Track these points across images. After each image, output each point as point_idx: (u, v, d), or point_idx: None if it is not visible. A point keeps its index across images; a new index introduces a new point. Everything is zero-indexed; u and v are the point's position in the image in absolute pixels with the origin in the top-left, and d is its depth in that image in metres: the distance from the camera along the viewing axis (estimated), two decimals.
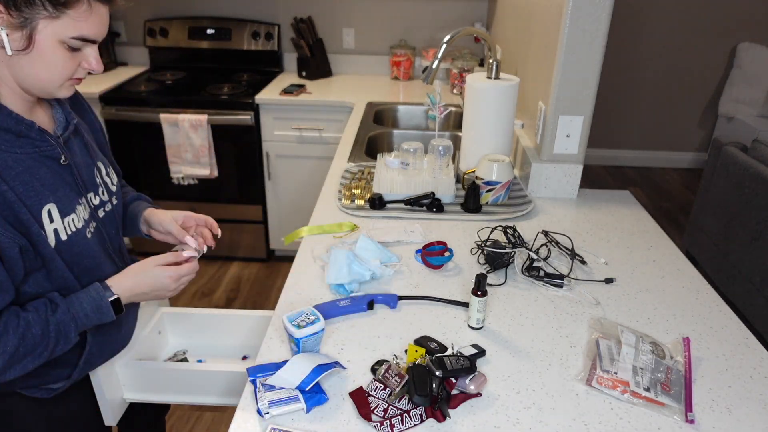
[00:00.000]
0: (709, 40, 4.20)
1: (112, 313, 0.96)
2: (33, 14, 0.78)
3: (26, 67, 0.83)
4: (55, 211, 0.90)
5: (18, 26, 0.78)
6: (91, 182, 1.00)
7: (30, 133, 0.87)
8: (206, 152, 2.69)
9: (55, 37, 0.81)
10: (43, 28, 0.80)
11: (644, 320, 1.12)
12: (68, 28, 0.81)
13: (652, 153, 4.61)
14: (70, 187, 0.94)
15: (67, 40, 0.82)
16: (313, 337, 0.96)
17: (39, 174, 0.88)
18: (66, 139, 0.96)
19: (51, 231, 0.89)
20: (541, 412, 0.89)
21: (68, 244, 0.92)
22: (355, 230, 1.43)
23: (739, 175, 2.67)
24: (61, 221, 0.90)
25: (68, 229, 0.92)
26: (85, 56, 0.87)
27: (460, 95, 2.76)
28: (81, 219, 0.95)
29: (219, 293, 2.84)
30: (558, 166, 1.63)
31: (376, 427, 0.85)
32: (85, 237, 0.96)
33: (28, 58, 0.82)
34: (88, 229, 0.97)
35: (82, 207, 0.96)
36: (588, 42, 1.50)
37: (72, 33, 0.82)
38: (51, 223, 0.89)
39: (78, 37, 0.83)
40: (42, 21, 0.79)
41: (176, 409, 2.14)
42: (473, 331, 1.08)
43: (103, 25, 0.86)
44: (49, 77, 0.85)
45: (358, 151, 1.98)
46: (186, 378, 1.14)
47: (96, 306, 0.94)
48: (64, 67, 0.85)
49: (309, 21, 2.99)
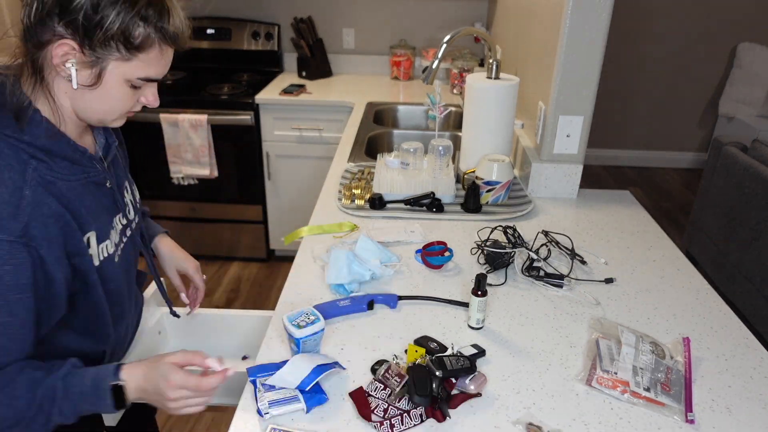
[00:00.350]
0: (709, 40, 4.20)
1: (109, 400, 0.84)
2: (106, 55, 0.79)
3: (89, 101, 0.84)
4: (94, 237, 0.89)
5: (89, 64, 0.79)
6: (121, 204, 1.00)
7: (82, 159, 0.88)
8: (206, 152, 2.69)
9: (123, 77, 0.82)
10: (113, 69, 0.81)
11: (644, 320, 1.12)
12: (137, 70, 0.83)
13: (652, 153, 4.61)
14: (108, 210, 0.95)
15: (134, 81, 0.84)
16: (313, 337, 0.96)
17: (85, 201, 0.88)
18: (109, 162, 0.97)
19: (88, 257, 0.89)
20: (541, 412, 0.89)
21: (99, 269, 0.91)
22: (355, 230, 1.43)
23: (739, 175, 2.67)
24: (96, 247, 0.90)
25: (101, 255, 0.91)
26: (144, 92, 0.88)
27: (460, 95, 2.76)
28: (113, 243, 0.95)
29: (219, 293, 2.84)
30: (558, 166, 1.63)
31: (376, 427, 0.85)
32: (114, 261, 0.95)
33: (93, 93, 0.83)
34: (117, 253, 0.97)
35: (114, 231, 0.96)
36: (588, 42, 1.50)
37: (140, 74, 0.83)
38: (89, 249, 0.88)
39: (144, 77, 0.84)
40: (113, 62, 0.80)
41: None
42: (473, 331, 1.08)
43: (168, 65, 0.87)
44: (109, 111, 0.86)
45: (358, 151, 1.98)
46: None
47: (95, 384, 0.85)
48: (125, 103, 0.87)
49: (309, 21, 2.99)
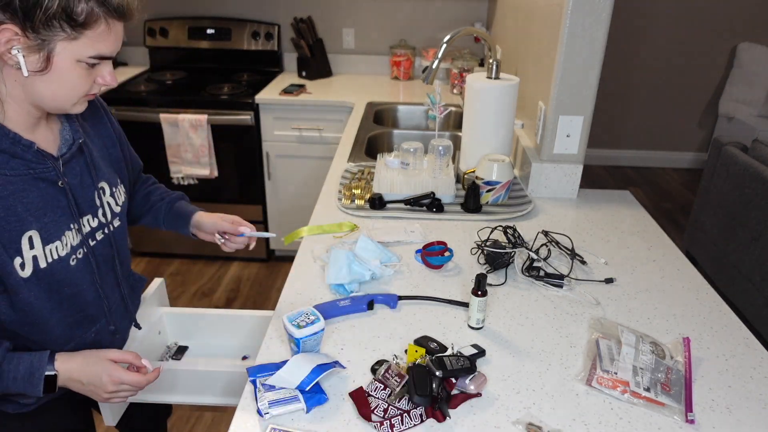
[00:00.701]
0: (709, 40, 4.20)
1: (41, 388, 0.89)
2: (51, 36, 0.77)
3: (42, 86, 0.82)
4: (37, 238, 0.86)
5: (35, 48, 0.77)
6: (89, 204, 0.96)
7: (26, 154, 0.85)
8: (206, 152, 2.69)
9: (73, 57, 0.80)
10: (62, 50, 0.79)
11: (644, 320, 1.12)
12: (86, 48, 0.81)
13: (652, 153, 4.61)
14: (62, 210, 0.91)
15: (85, 59, 0.82)
16: (313, 337, 0.96)
17: (27, 198, 0.85)
18: (67, 160, 0.93)
19: (30, 258, 0.86)
20: (541, 412, 0.89)
21: (48, 271, 0.89)
22: (355, 230, 1.43)
23: (739, 175, 2.67)
24: (42, 249, 0.87)
25: (49, 257, 0.89)
26: (99, 72, 0.86)
27: (460, 95, 2.76)
28: (67, 245, 0.92)
29: (219, 293, 2.84)
30: (558, 166, 1.63)
31: (376, 427, 0.85)
32: (68, 265, 0.92)
33: (45, 78, 0.81)
34: (73, 256, 0.93)
35: (72, 232, 0.93)
36: (588, 42, 1.50)
37: (90, 52, 0.81)
38: (31, 249, 0.86)
39: (96, 56, 0.82)
40: (60, 43, 0.78)
41: (176, 409, 2.14)
42: (473, 331, 1.08)
43: (118, 41, 0.85)
44: (65, 95, 0.84)
45: (358, 151, 1.98)
46: (186, 378, 1.14)
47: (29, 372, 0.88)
48: (81, 85, 0.84)
49: (309, 21, 2.99)
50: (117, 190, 1.04)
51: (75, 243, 0.93)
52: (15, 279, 0.85)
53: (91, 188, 0.97)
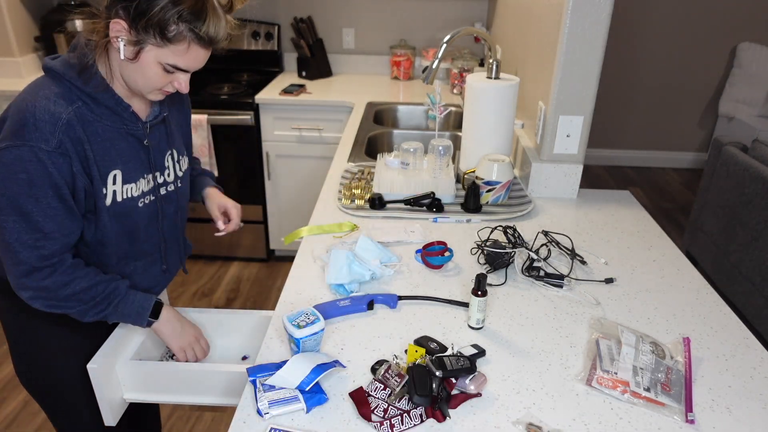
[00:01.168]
0: (709, 40, 4.20)
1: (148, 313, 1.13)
2: (145, 38, 0.96)
3: (130, 72, 1.02)
4: (119, 176, 1.08)
5: (133, 42, 0.97)
6: (161, 164, 1.18)
7: (123, 113, 1.07)
8: (206, 152, 2.69)
9: (156, 59, 0.99)
10: (149, 50, 0.98)
11: (644, 320, 1.12)
12: (167, 57, 0.99)
13: (652, 153, 4.61)
14: (141, 162, 1.12)
15: (164, 65, 1.00)
16: (313, 337, 0.96)
17: (119, 145, 1.07)
18: (152, 125, 1.14)
19: (111, 191, 1.07)
20: (541, 412, 0.89)
21: (120, 205, 1.09)
22: (355, 230, 1.43)
23: (739, 175, 2.67)
24: (121, 186, 1.09)
25: (125, 194, 1.10)
26: (177, 78, 1.04)
27: (460, 95, 2.76)
28: (139, 189, 1.13)
29: (219, 293, 2.84)
30: (558, 166, 1.63)
31: (376, 427, 0.85)
32: (136, 205, 1.13)
33: (133, 66, 1.00)
34: (142, 200, 1.14)
35: (146, 181, 1.14)
36: (588, 42, 1.50)
37: (169, 61, 0.99)
38: (113, 184, 1.07)
39: (173, 65, 1.00)
40: (149, 45, 0.97)
41: (176, 409, 2.14)
42: (473, 331, 1.08)
43: (196, 61, 1.02)
44: (143, 85, 1.03)
45: (358, 151, 1.98)
46: (186, 378, 1.14)
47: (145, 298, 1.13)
48: (157, 82, 1.03)
49: (309, 21, 2.99)
50: (182, 158, 1.26)
51: (146, 189, 1.14)
52: (101, 204, 1.06)
53: (165, 151, 1.19)
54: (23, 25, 2.87)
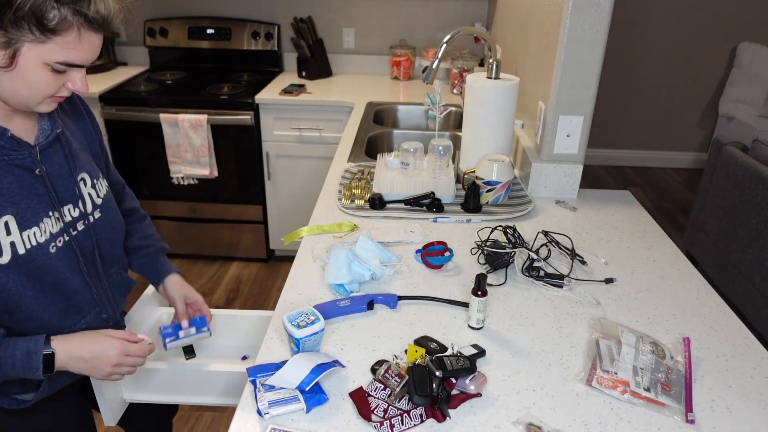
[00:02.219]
0: (709, 40, 4.20)
1: (40, 369, 0.89)
2: (18, 36, 0.76)
3: (6, 83, 0.81)
4: (14, 223, 0.86)
5: (1, 45, 0.77)
6: (68, 194, 0.96)
7: (0, 140, 0.85)
8: (206, 152, 2.69)
9: (39, 60, 0.80)
10: (27, 51, 0.78)
11: (644, 320, 1.12)
12: (54, 53, 0.79)
13: (652, 153, 4.61)
14: (39, 198, 0.91)
15: (52, 64, 0.81)
16: (313, 338, 0.96)
17: (1, 183, 0.86)
18: (44, 147, 0.92)
19: (7, 244, 0.86)
20: (541, 412, 0.89)
21: (26, 258, 0.88)
22: (355, 230, 1.43)
23: (739, 175, 2.67)
24: (19, 234, 0.87)
25: (27, 243, 0.88)
26: (70, 77, 0.85)
27: (460, 95, 2.76)
28: (46, 232, 0.91)
29: (219, 293, 2.84)
30: (558, 166, 1.63)
31: (376, 427, 0.85)
32: (48, 252, 0.92)
33: (9, 75, 0.80)
34: (53, 243, 0.93)
35: (52, 220, 0.93)
36: (588, 42, 1.50)
37: (58, 58, 0.80)
38: (8, 235, 0.86)
39: (64, 62, 0.81)
40: (27, 44, 0.78)
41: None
42: (473, 331, 1.08)
43: (92, 51, 0.83)
44: (29, 95, 0.83)
45: (358, 151, 1.98)
46: (186, 378, 1.14)
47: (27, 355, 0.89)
48: (47, 87, 0.83)
49: (309, 21, 2.99)
50: (98, 182, 1.04)
51: (55, 231, 0.93)
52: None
53: (70, 178, 0.97)
54: None
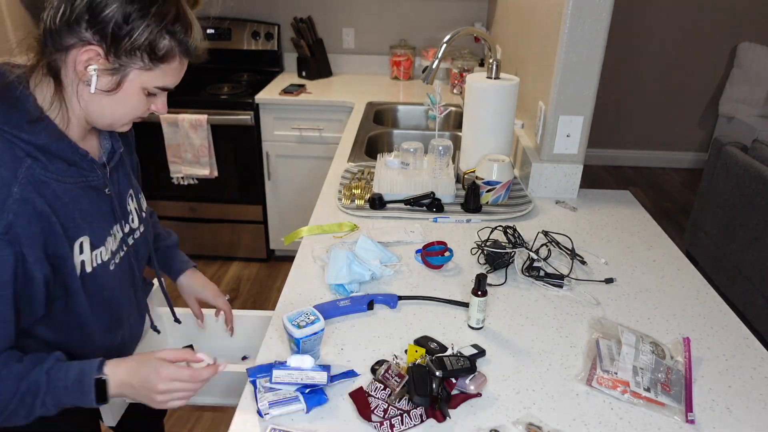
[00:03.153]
0: (709, 40, 4.20)
1: (93, 395, 0.85)
2: (129, 63, 0.81)
3: (104, 106, 0.85)
4: (87, 243, 0.89)
5: (111, 71, 0.81)
6: (123, 211, 1.00)
7: (82, 162, 0.88)
8: (206, 152, 2.69)
9: (141, 85, 0.84)
10: (134, 77, 0.83)
11: (644, 320, 1.12)
12: (156, 79, 0.85)
13: (652, 153, 4.61)
14: (104, 217, 0.94)
15: (150, 89, 0.86)
16: (313, 337, 0.96)
17: (81, 205, 0.88)
18: (112, 168, 0.97)
19: (78, 263, 0.88)
20: (541, 412, 0.89)
21: (92, 276, 0.91)
22: (355, 230, 1.43)
23: (740, 175, 2.67)
24: (90, 253, 0.90)
25: (95, 261, 0.91)
26: (155, 100, 0.90)
27: (460, 95, 2.76)
28: (109, 251, 0.95)
29: None
30: (558, 166, 1.63)
31: (376, 427, 0.85)
32: (108, 270, 0.95)
33: (109, 99, 0.84)
34: (113, 260, 0.96)
35: (112, 238, 0.96)
36: (588, 42, 1.50)
37: (158, 83, 0.86)
38: (80, 254, 0.88)
39: (161, 86, 0.87)
40: (135, 71, 0.82)
41: (176, 409, 2.14)
42: (473, 331, 1.08)
43: (180, 76, 0.90)
44: (122, 116, 0.88)
45: (358, 151, 1.98)
46: None
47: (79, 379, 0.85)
48: (138, 109, 0.88)
49: (309, 21, 2.99)
50: (141, 197, 1.09)
51: (114, 248, 0.96)
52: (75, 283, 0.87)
53: (125, 195, 1.01)
54: (23, 25, 2.87)
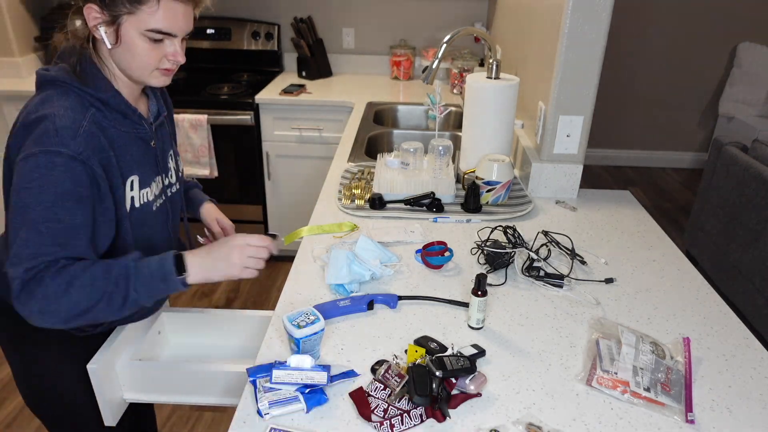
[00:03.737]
0: (709, 40, 4.20)
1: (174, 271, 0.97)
2: (117, 11, 0.93)
3: (122, 58, 0.99)
4: (137, 182, 1.06)
5: (109, 23, 0.94)
6: (165, 166, 1.17)
7: (133, 117, 1.05)
8: (206, 152, 2.69)
9: (136, 31, 0.95)
10: (126, 24, 0.94)
11: (644, 320, 1.12)
12: (144, 22, 0.94)
13: (652, 153, 4.61)
14: (151, 166, 1.11)
15: (146, 33, 0.95)
16: (313, 337, 0.96)
17: (132, 150, 1.05)
18: (157, 126, 1.14)
19: (129, 197, 1.05)
20: (541, 412, 0.89)
21: (139, 210, 1.08)
22: (355, 230, 1.43)
23: (740, 175, 2.67)
24: (138, 191, 1.07)
25: (142, 199, 1.08)
26: (167, 48, 0.99)
27: (460, 95, 2.76)
28: (153, 193, 1.12)
29: (219, 293, 2.84)
30: (558, 166, 1.63)
31: (376, 427, 0.85)
32: (152, 209, 1.12)
33: (121, 51, 0.97)
34: (155, 203, 1.13)
35: (156, 184, 1.13)
36: (588, 42, 1.50)
37: (148, 26, 0.94)
38: (131, 190, 1.05)
39: (153, 29, 0.95)
40: (124, 17, 0.94)
41: (176, 409, 2.14)
42: (473, 331, 1.08)
43: (175, 19, 0.96)
44: (139, 67, 0.99)
45: (358, 151, 1.98)
46: (186, 378, 1.14)
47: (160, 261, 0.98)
48: (150, 57, 0.98)
49: (309, 21, 2.99)
50: (179, 160, 1.26)
51: (157, 193, 1.14)
52: (122, 212, 1.04)
53: (167, 153, 1.18)
54: (23, 25, 2.87)
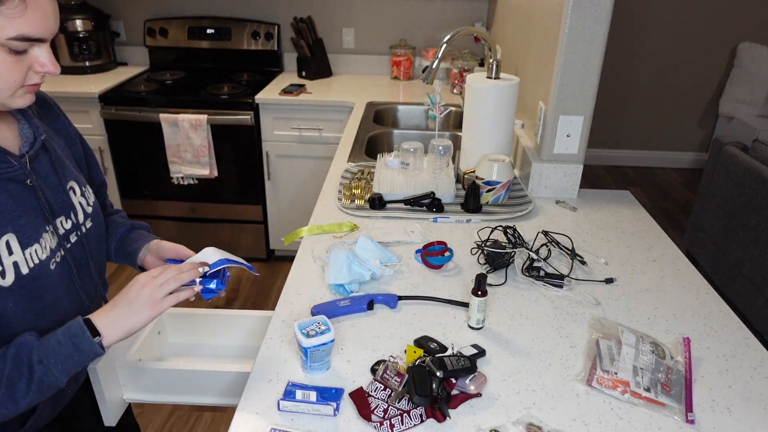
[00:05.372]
0: (709, 40, 4.20)
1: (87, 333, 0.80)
2: None
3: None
4: (15, 241, 0.79)
5: None
6: (61, 205, 0.89)
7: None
8: (206, 152, 2.69)
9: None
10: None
11: (644, 320, 1.12)
12: (4, 29, 0.69)
13: (652, 153, 4.61)
14: (35, 212, 0.83)
15: (6, 42, 0.70)
16: (322, 348, 0.93)
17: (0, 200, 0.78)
18: (32, 157, 0.85)
19: (10, 264, 0.78)
20: (541, 413, 0.89)
21: (29, 278, 0.81)
22: (355, 230, 1.43)
23: (740, 175, 2.67)
24: (21, 253, 0.80)
25: (30, 262, 0.81)
26: (35, 58, 0.75)
27: (460, 95, 2.76)
28: (46, 249, 0.85)
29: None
30: (558, 166, 1.63)
31: (376, 427, 0.85)
32: (49, 270, 0.85)
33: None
34: (53, 260, 0.86)
35: (49, 235, 0.86)
36: (588, 42, 1.50)
37: (9, 33, 0.70)
38: (10, 255, 0.78)
39: (17, 37, 0.70)
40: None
41: (176, 409, 2.14)
42: (473, 331, 1.08)
43: (46, 19, 0.72)
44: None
45: (358, 151, 1.98)
46: (186, 378, 1.14)
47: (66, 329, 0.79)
48: (11, 74, 0.73)
49: (309, 21, 2.99)
50: (86, 189, 0.97)
51: (53, 246, 0.87)
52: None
53: (59, 188, 0.90)
54: None
